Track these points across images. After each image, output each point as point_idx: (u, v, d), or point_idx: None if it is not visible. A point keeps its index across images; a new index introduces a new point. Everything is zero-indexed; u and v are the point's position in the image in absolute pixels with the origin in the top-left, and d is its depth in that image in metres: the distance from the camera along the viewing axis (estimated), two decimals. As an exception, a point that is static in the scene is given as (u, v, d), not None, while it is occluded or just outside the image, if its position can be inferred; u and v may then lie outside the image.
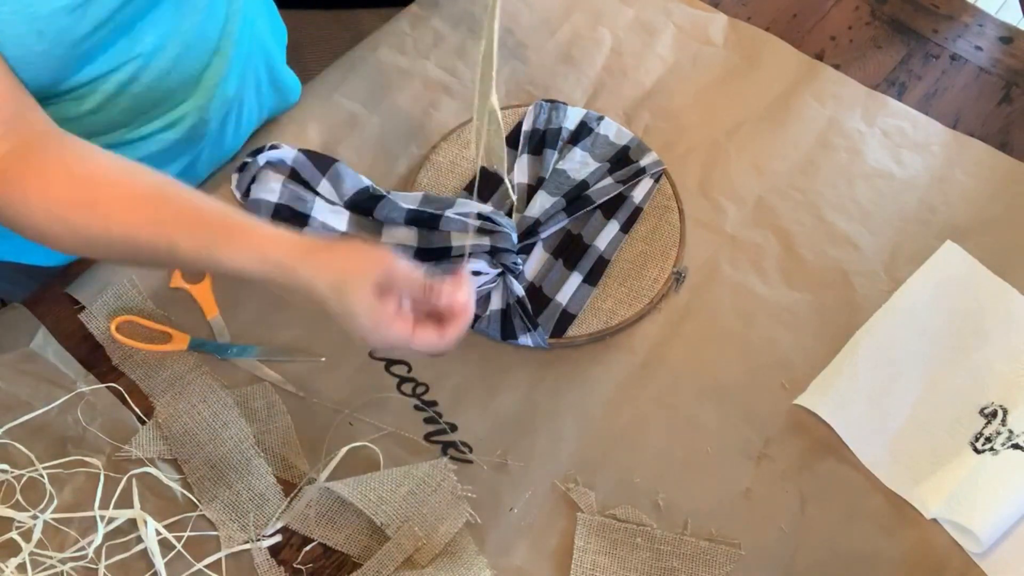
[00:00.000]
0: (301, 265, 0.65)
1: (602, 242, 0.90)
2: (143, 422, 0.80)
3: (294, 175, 0.90)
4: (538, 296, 0.87)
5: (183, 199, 0.68)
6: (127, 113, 0.78)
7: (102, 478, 0.76)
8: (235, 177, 0.91)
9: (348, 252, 0.66)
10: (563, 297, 0.87)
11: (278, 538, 0.76)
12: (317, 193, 0.89)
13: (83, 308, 0.84)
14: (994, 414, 0.84)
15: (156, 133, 0.82)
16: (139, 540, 0.75)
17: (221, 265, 0.66)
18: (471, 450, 0.80)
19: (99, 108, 0.75)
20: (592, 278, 0.88)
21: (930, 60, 1.08)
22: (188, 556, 0.74)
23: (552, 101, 0.99)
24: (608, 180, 0.94)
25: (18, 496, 0.75)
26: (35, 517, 0.74)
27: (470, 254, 0.86)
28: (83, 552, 0.73)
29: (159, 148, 0.83)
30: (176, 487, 0.76)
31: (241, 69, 0.87)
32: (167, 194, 0.67)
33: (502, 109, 0.98)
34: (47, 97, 0.72)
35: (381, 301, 0.64)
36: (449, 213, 0.87)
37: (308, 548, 0.76)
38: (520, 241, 0.88)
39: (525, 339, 0.84)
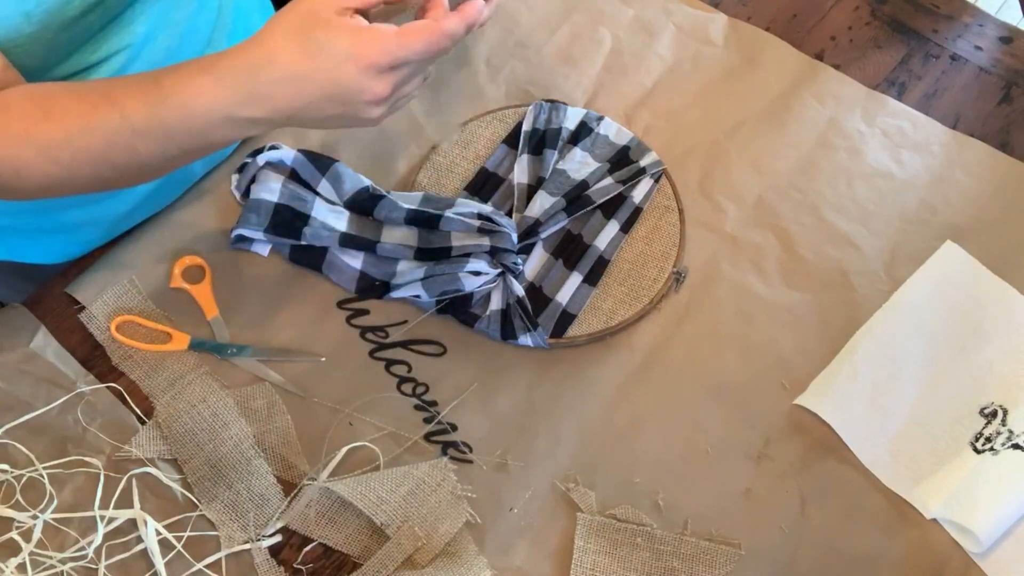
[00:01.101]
0: (250, 55, 0.59)
1: (602, 242, 0.90)
2: (143, 422, 0.80)
3: (294, 175, 0.90)
4: (538, 296, 0.87)
5: (123, 79, 0.65)
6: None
7: (102, 478, 0.76)
8: (235, 178, 0.91)
9: (280, 13, 0.59)
10: (563, 297, 0.87)
11: (278, 538, 0.76)
12: (317, 193, 0.89)
13: (83, 308, 0.84)
14: (994, 414, 0.84)
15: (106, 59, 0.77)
16: (139, 540, 0.75)
17: (173, 118, 0.61)
18: (471, 450, 0.80)
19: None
20: (592, 278, 0.89)
21: (930, 60, 1.08)
22: (188, 556, 0.74)
23: (552, 101, 0.99)
24: (608, 180, 0.94)
25: (18, 496, 0.75)
26: (35, 517, 0.74)
27: (470, 254, 0.86)
28: (83, 552, 0.73)
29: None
30: (176, 487, 0.76)
31: None
32: (110, 80, 0.65)
33: (502, 109, 0.99)
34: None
35: (349, 22, 0.57)
36: (449, 213, 0.87)
37: (308, 548, 0.76)
38: (520, 241, 0.88)
39: (525, 339, 0.84)
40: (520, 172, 0.94)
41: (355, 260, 0.87)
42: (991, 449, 0.81)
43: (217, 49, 0.78)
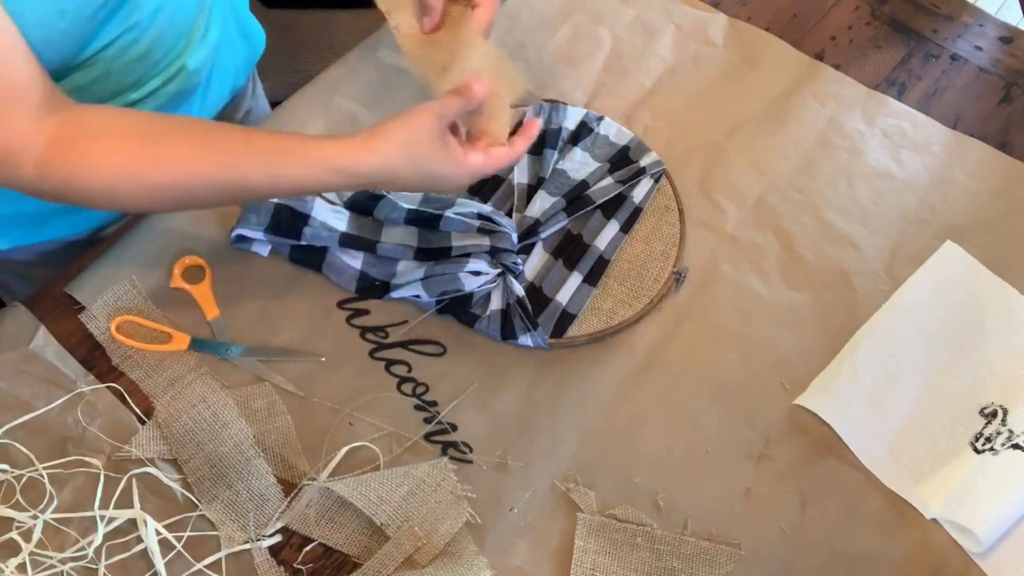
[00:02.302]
0: (364, 158, 0.70)
1: (602, 242, 0.90)
2: (143, 422, 0.80)
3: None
4: (538, 296, 0.87)
5: (234, 133, 0.72)
6: (131, 75, 0.80)
7: (102, 478, 0.76)
8: (235, 177, 0.91)
9: (396, 124, 0.70)
10: (563, 297, 0.87)
11: (278, 538, 0.76)
12: (317, 193, 0.89)
13: (83, 308, 0.84)
14: (994, 414, 0.84)
15: (158, 89, 0.84)
16: (139, 540, 0.74)
17: (288, 183, 0.71)
18: (471, 450, 0.80)
19: (106, 74, 0.77)
20: (592, 278, 0.89)
21: (930, 60, 1.08)
22: (188, 556, 0.74)
23: (552, 101, 0.99)
24: (608, 180, 0.94)
25: (18, 496, 0.75)
26: (35, 517, 0.74)
27: (470, 254, 0.86)
28: (83, 552, 0.73)
29: (159, 104, 0.85)
30: (176, 487, 0.76)
31: (220, 17, 0.90)
32: (218, 133, 0.71)
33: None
34: (61, 74, 0.74)
35: (448, 145, 0.71)
36: (449, 213, 0.87)
37: (308, 548, 0.76)
38: (520, 241, 0.88)
39: (525, 339, 0.84)
40: (520, 172, 0.94)
41: (355, 260, 0.87)
42: (991, 449, 0.81)
43: (205, 8, 0.86)
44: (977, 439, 0.83)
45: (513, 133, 0.79)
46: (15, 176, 0.68)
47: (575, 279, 0.88)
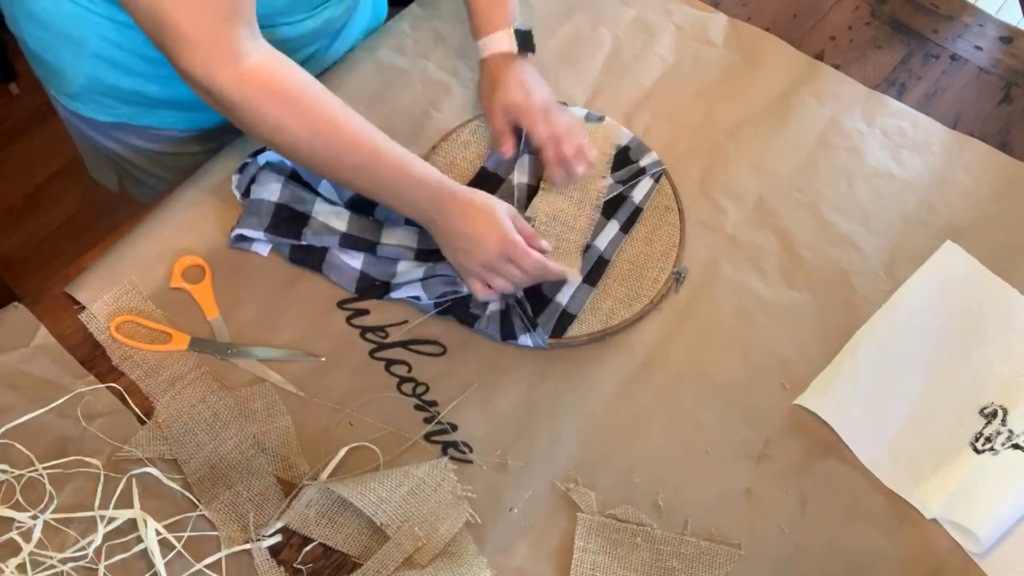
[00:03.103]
0: (455, 182, 0.82)
1: (602, 242, 0.90)
2: (143, 422, 0.80)
3: (294, 175, 0.90)
4: (538, 296, 0.87)
5: (388, 147, 0.81)
6: (290, 2, 0.88)
7: (102, 478, 0.76)
8: (235, 178, 0.91)
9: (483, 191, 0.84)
10: (563, 297, 0.87)
11: (278, 538, 0.76)
12: (317, 193, 0.89)
13: (83, 308, 0.84)
14: (994, 414, 0.84)
15: (301, 21, 0.91)
16: (139, 540, 0.74)
17: (400, 199, 0.82)
18: (471, 450, 0.80)
19: (267, 2, 0.80)
20: (592, 278, 0.88)
21: (930, 60, 1.08)
22: (188, 556, 0.74)
23: (552, 101, 0.99)
24: (608, 180, 0.94)
25: (18, 496, 0.75)
26: (35, 517, 0.74)
27: None
28: (83, 552, 0.73)
29: (296, 35, 0.91)
30: (176, 487, 0.76)
31: None
32: (372, 139, 0.81)
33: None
34: None
35: (508, 225, 0.81)
36: (449, 213, 0.87)
37: (308, 548, 0.76)
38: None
39: (525, 339, 0.84)
40: (520, 172, 0.94)
41: (355, 260, 0.87)
42: (991, 449, 0.81)
43: None
44: (977, 439, 0.83)
45: None
46: (211, 73, 0.74)
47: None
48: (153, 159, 1.02)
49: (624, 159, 0.96)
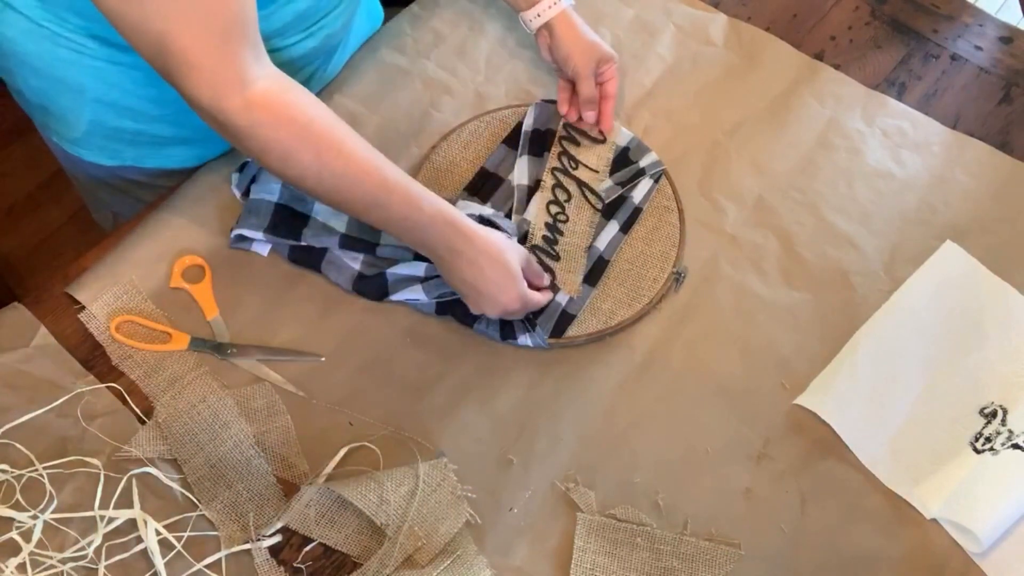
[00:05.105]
0: (473, 224, 0.80)
1: (601, 242, 0.90)
2: (143, 422, 0.80)
3: (294, 175, 0.90)
4: (538, 296, 0.87)
5: (399, 181, 0.78)
6: (283, 25, 0.85)
7: (102, 478, 0.76)
8: (235, 177, 0.91)
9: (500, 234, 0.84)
10: (562, 297, 0.87)
11: (278, 538, 0.76)
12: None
13: (83, 308, 0.84)
14: (994, 414, 0.84)
15: (299, 42, 0.89)
16: (139, 540, 0.74)
17: (412, 236, 0.80)
18: (471, 450, 0.80)
19: (267, 16, 0.79)
20: (591, 278, 0.88)
21: (930, 60, 1.08)
22: (188, 556, 0.74)
23: (552, 101, 0.99)
24: (608, 181, 0.94)
25: (18, 496, 0.75)
26: (35, 517, 0.74)
27: None
28: (83, 552, 0.73)
29: (295, 56, 0.89)
30: (176, 487, 0.76)
31: None
32: (383, 172, 0.78)
33: (502, 109, 0.99)
34: None
35: (516, 270, 0.81)
36: (449, 213, 0.87)
37: (308, 548, 0.76)
38: (520, 243, 0.88)
39: (524, 339, 0.84)
40: (520, 173, 0.94)
41: (354, 261, 0.87)
42: (991, 449, 0.81)
43: None
44: (977, 439, 0.83)
45: None
46: (217, 100, 0.71)
47: (575, 279, 0.88)
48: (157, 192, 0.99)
49: (624, 159, 0.96)
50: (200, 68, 0.70)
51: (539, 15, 0.96)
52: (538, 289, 0.85)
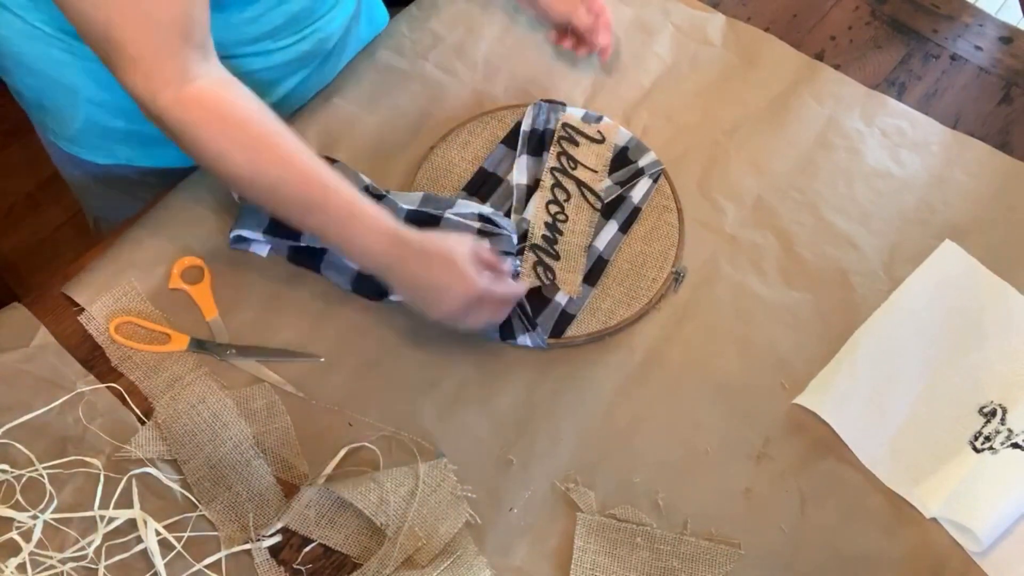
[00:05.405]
0: (410, 230, 0.78)
1: (601, 242, 0.90)
2: (143, 422, 0.80)
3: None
4: (537, 296, 0.87)
5: (338, 186, 0.77)
6: (275, 27, 0.85)
7: (102, 478, 0.76)
8: (234, 178, 0.91)
9: (440, 233, 0.82)
10: (562, 297, 0.87)
11: (278, 538, 0.76)
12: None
13: (82, 310, 0.84)
14: (993, 413, 0.84)
15: (291, 46, 0.89)
16: (139, 540, 0.74)
17: (351, 244, 0.78)
18: (471, 451, 0.80)
19: (257, 18, 0.80)
20: (591, 278, 0.89)
21: (930, 60, 1.08)
22: (188, 556, 0.74)
23: (551, 101, 0.99)
24: (607, 181, 0.94)
25: (18, 496, 0.75)
26: (35, 517, 0.74)
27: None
28: (83, 552, 0.73)
29: (286, 60, 0.90)
30: (176, 487, 0.76)
31: None
32: (322, 177, 0.76)
33: (501, 109, 0.99)
34: (222, 5, 0.78)
35: (466, 266, 0.78)
36: (449, 214, 0.87)
37: (308, 548, 0.76)
38: (519, 242, 0.88)
39: (524, 339, 0.84)
40: (519, 173, 0.94)
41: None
42: (990, 448, 0.81)
43: None
44: (976, 438, 0.83)
45: None
46: (151, 93, 0.72)
47: (574, 279, 0.88)
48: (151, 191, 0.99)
49: (623, 159, 0.96)
50: (138, 60, 0.71)
51: None
52: (499, 274, 0.81)
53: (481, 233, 0.87)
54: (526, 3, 1.01)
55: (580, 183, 0.94)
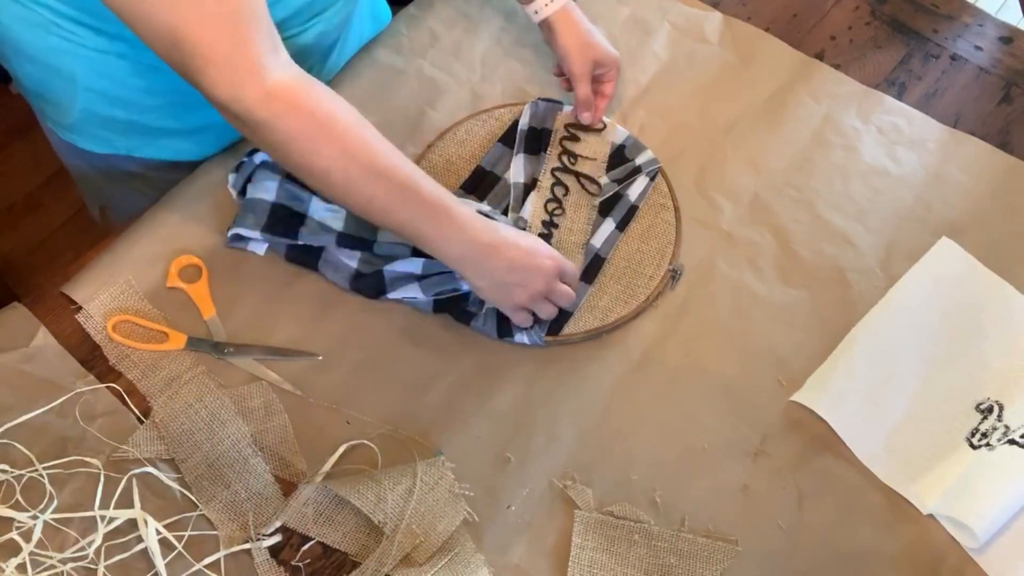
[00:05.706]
0: (503, 232, 0.79)
1: (598, 240, 0.90)
2: (143, 422, 0.80)
3: (291, 175, 0.90)
4: (535, 294, 0.87)
5: (422, 179, 0.77)
6: (281, 19, 0.82)
7: (102, 478, 0.76)
8: (231, 177, 0.91)
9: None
10: (560, 295, 0.87)
11: (278, 538, 0.76)
12: (313, 193, 0.89)
13: (80, 308, 0.84)
14: (990, 410, 0.84)
15: (293, 36, 0.87)
16: (139, 540, 0.75)
17: (437, 239, 0.78)
18: (467, 448, 0.81)
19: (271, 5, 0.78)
20: (588, 276, 0.89)
21: (930, 60, 1.08)
22: (188, 556, 0.74)
23: (548, 100, 0.99)
24: (604, 177, 0.94)
25: (18, 496, 0.75)
26: (35, 517, 0.74)
27: None
28: (83, 552, 0.73)
29: (290, 53, 0.87)
30: (176, 487, 0.77)
31: None
32: (411, 172, 0.77)
33: (498, 108, 0.99)
34: None
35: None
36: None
37: (307, 547, 0.76)
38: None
39: (521, 337, 0.85)
40: (517, 171, 0.94)
41: (351, 259, 0.87)
42: (987, 445, 0.82)
43: None
44: (973, 435, 0.83)
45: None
46: (235, 91, 0.70)
47: (572, 277, 0.88)
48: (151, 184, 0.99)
49: (620, 157, 0.96)
50: (215, 60, 0.69)
51: (536, 12, 0.96)
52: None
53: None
54: (547, 39, 0.98)
55: (580, 176, 0.94)
